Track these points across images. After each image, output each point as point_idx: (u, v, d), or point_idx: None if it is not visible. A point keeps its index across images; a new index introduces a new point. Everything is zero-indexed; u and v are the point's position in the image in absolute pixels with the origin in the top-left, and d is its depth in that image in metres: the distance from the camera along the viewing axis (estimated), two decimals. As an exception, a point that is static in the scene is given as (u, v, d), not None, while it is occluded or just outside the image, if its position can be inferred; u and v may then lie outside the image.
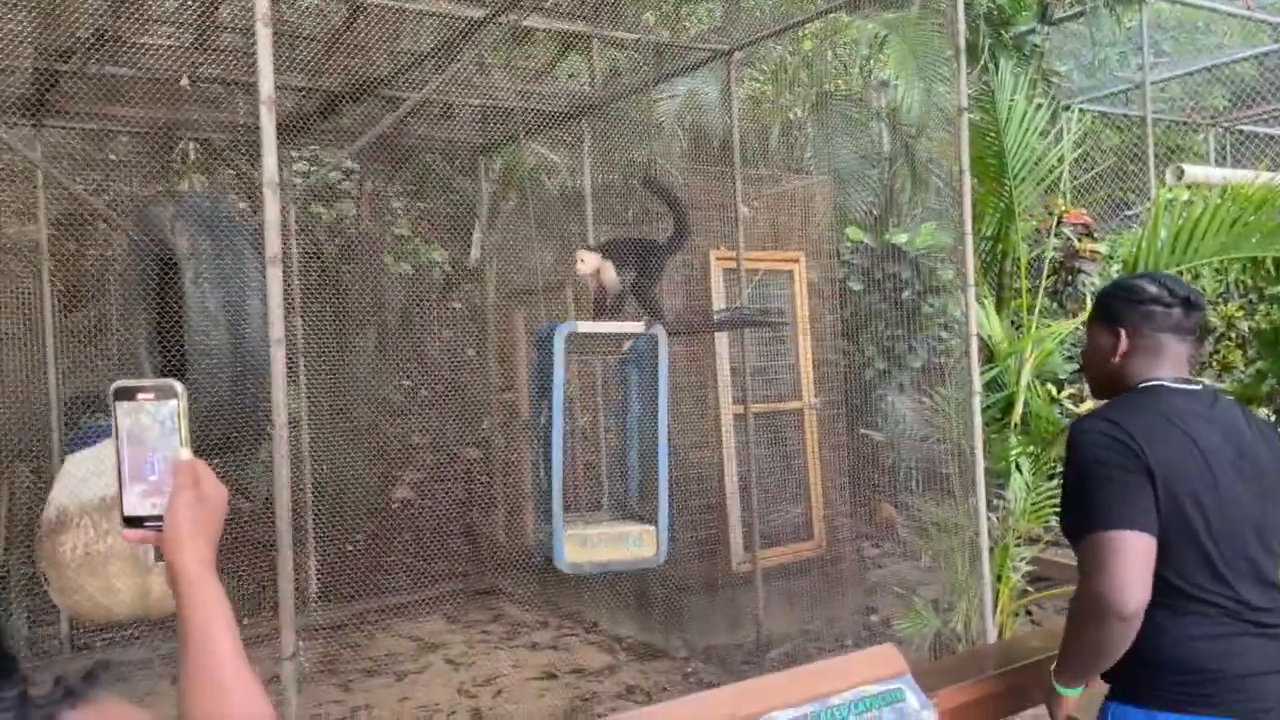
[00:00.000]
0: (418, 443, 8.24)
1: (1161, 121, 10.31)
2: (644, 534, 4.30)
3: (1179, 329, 2.08)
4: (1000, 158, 4.54)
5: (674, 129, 7.41)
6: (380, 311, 7.85)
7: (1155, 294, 2.08)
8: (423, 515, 7.49)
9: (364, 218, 7.54)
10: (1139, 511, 1.86)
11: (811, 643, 5.72)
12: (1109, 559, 1.84)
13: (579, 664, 5.40)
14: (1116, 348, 2.10)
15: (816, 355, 6.29)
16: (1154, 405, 2.00)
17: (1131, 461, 1.89)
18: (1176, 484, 1.90)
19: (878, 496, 6.37)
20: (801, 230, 6.41)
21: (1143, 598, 1.81)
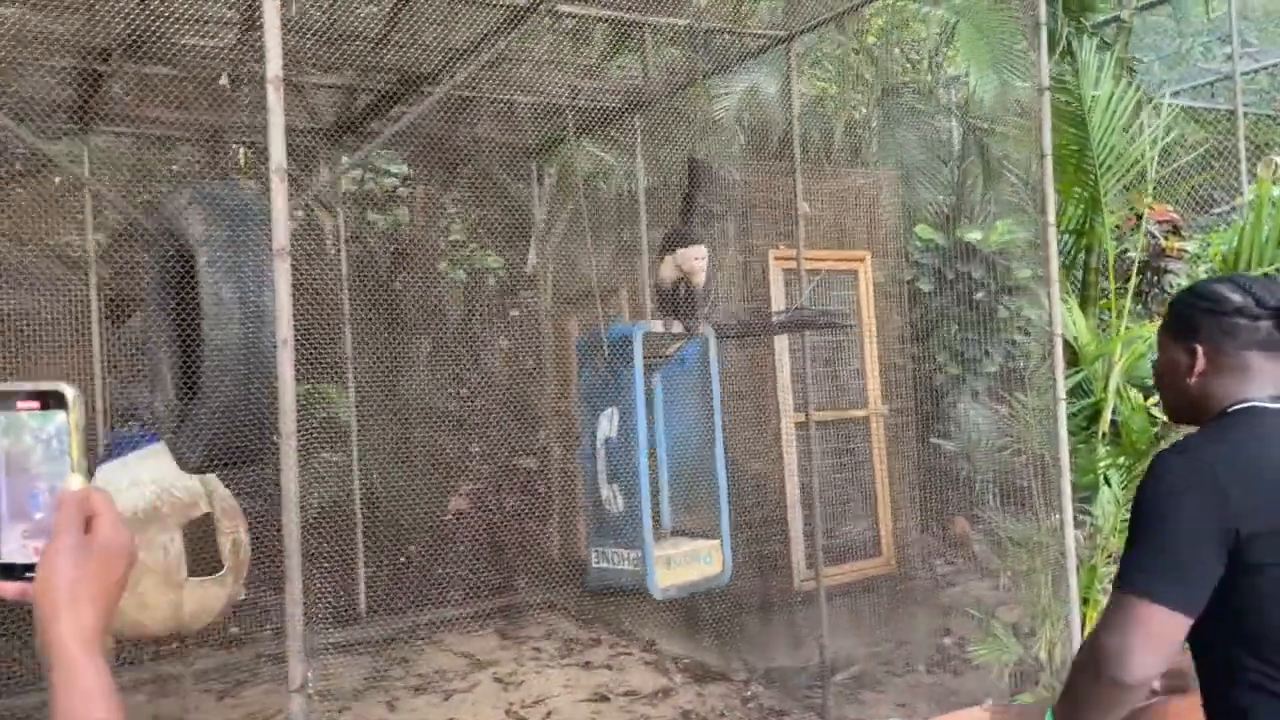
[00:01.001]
0: (474, 452, 8.09)
1: (1250, 115, 9.75)
2: (711, 550, 4.06)
3: (1270, 344, 1.72)
4: (1084, 145, 4.18)
5: (733, 126, 7.16)
6: (435, 319, 7.72)
7: (1240, 304, 1.72)
8: (478, 527, 7.33)
9: (418, 223, 7.42)
10: (1184, 585, 1.57)
11: (881, 665, 5.39)
12: (1128, 625, 1.57)
13: (633, 686, 5.14)
14: (1192, 367, 1.75)
15: (884, 360, 5.97)
16: (1250, 434, 1.66)
17: (1207, 514, 1.58)
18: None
19: (951, 510, 6.00)
20: (867, 229, 6.10)
21: (1150, 673, 1.57)
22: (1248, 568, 1.57)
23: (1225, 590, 1.59)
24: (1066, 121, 4.28)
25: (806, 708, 4.82)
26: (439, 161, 7.28)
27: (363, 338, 6.45)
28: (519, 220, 7.60)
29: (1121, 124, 4.17)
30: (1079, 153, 4.30)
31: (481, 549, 6.99)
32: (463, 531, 7.20)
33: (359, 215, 7.90)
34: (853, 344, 5.81)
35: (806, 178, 6.04)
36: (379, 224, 8.26)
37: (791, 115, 4.84)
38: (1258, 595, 1.58)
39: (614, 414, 3.96)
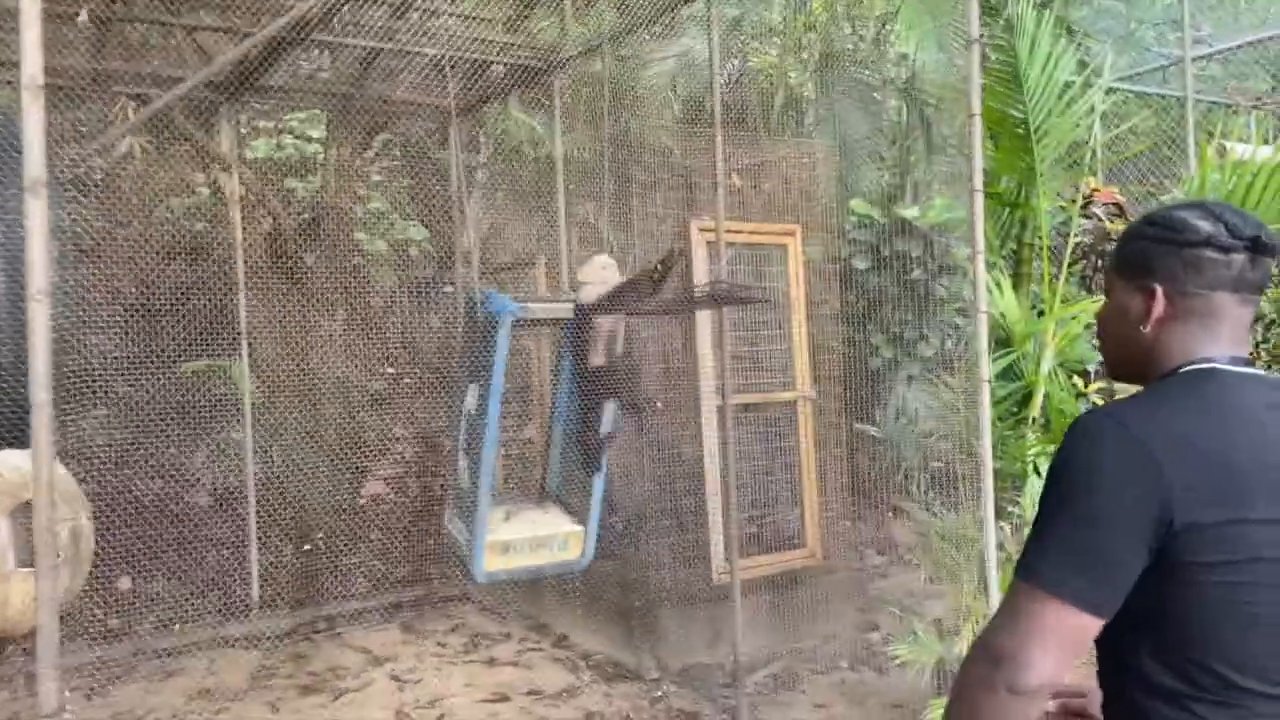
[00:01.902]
0: (397, 434, 7.69)
1: (1201, 103, 9.60)
2: (570, 537, 3.79)
3: (1242, 284, 1.41)
4: (1019, 108, 3.88)
5: (665, 93, 6.82)
6: (352, 292, 7.29)
7: (1209, 232, 1.40)
8: (395, 513, 6.94)
9: (330, 189, 6.97)
10: (1099, 582, 1.29)
11: (804, 662, 5.11)
12: (1028, 624, 1.29)
13: (537, 685, 4.81)
14: (1149, 311, 1.43)
15: (816, 341, 5.65)
16: (1203, 402, 1.36)
17: (1134, 498, 1.28)
18: (1237, 531, 1.27)
19: (879, 500, 5.72)
20: (800, 203, 5.77)
21: (1051, 679, 1.28)
22: (1177, 566, 1.28)
23: (1145, 589, 1.30)
24: (1002, 84, 3.98)
25: (720, 709, 4.52)
26: (354, 124, 6.86)
27: (264, 310, 6.03)
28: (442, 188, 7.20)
29: (1058, 88, 3.87)
30: (1015, 120, 4.00)
31: (395, 537, 6.61)
32: (377, 518, 6.81)
33: (277, 181, 7.46)
34: (780, 323, 5.48)
35: (736, 148, 5.71)
36: (298, 191, 7.81)
37: (712, 74, 4.48)
38: (1185, 600, 1.30)
39: (475, 389, 3.66)
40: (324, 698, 4.76)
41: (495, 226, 7.13)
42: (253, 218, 6.32)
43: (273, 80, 5.64)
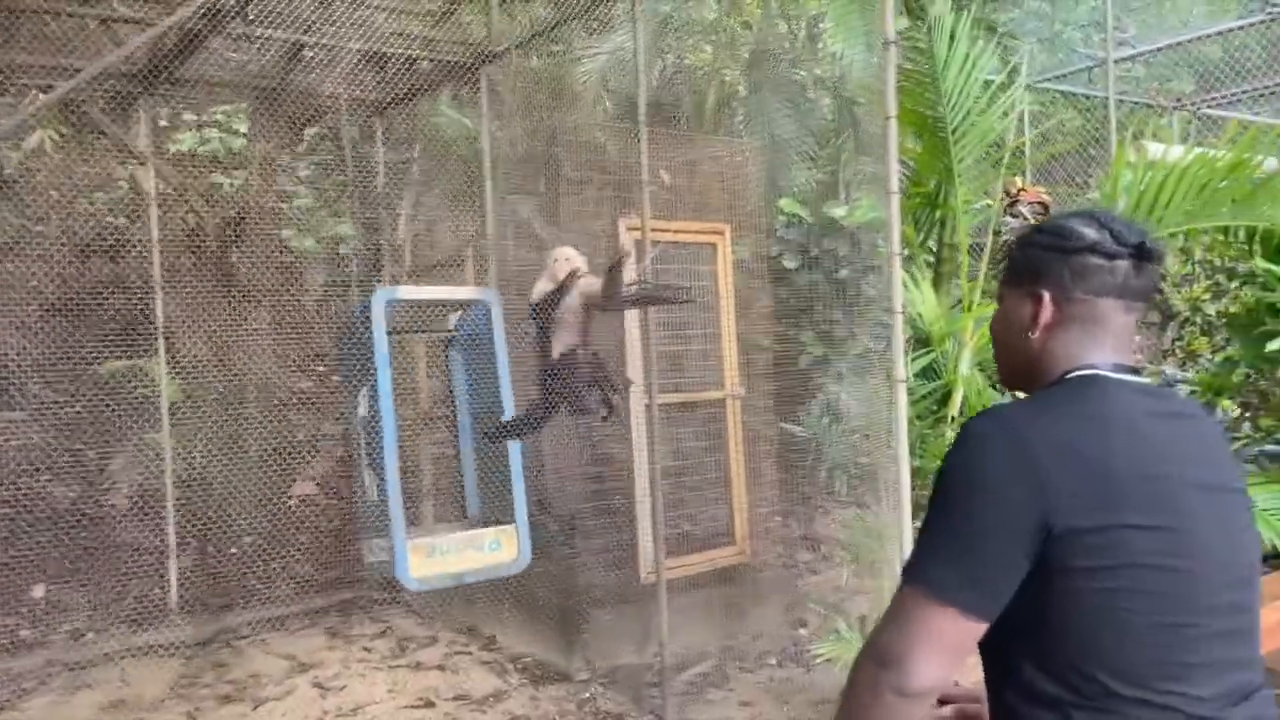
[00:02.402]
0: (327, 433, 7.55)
1: (1125, 103, 9.83)
2: (500, 535, 3.70)
3: (1126, 291, 1.44)
4: (937, 110, 3.92)
5: (598, 91, 6.79)
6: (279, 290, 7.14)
7: (1094, 239, 1.43)
8: (323, 515, 6.81)
9: (252, 185, 6.81)
10: (983, 586, 1.30)
11: (732, 660, 5.12)
12: (913, 627, 1.30)
13: (464, 689, 4.75)
14: (1036, 317, 1.46)
15: (747, 339, 5.67)
16: (1085, 408, 1.38)
17: (1018, 502, 1.29)
18: (1115, 536, 1.29)
19: (806, 496, 5.76)
20: (731, 201, 5.78)
21: (935, 683, 1.30)
22: (1057, 571, 1.29)
23: (1027, 595, 1.31)
24: (921, 86, 4.02)
25: (646, 710, 4.51)
26: (279, 118, 6.70)
27: (185, 308, 5.87)
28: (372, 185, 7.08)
29: (976, 89, 3.92)
30: (935, 120, 4.04)
31: (323, 539, 6.48)
32: (304, 520, 6.68)
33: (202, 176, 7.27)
34: (710, 322, 5.49)
35: (666, 146, 5.69)
36: (224, 186, 7.62)
37: (638, 72, 4.46)
38: (1062, 605, 1.30)
39: (367, 393, 3.58)
40: (244, 706, 4.65)
41: (427, 224, 7.04)
42: (173, 213, 6.15)
43: (193, 72, 5.49)
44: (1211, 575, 1.33)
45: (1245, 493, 1.46)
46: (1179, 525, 1.31)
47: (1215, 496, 1.38)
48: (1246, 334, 4.05)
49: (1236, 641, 1.35)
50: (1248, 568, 1.40)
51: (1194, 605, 1.31)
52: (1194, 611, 1.31)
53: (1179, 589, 1.30)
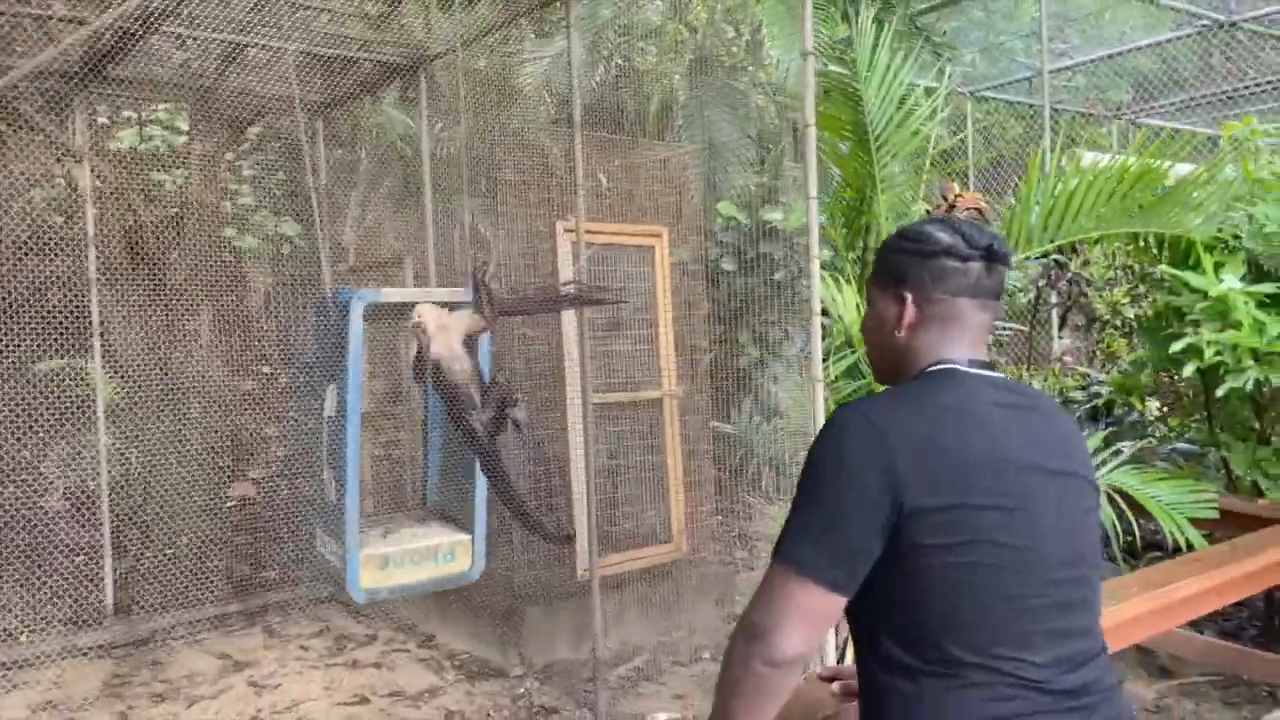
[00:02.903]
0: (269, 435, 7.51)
1: (1064, 112, 10.10)
2: (456, 546, 3.73)
3: (979, 290, 1.57)
4: (858, 117, 4.05)
5: (540, 93, 6.86)
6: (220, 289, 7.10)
7: (948, 243, 1.56)
8: (261, 515, 6.78)
9: (193, 184, 6.77)
10: (841, 562, 1.40)
11: (667, 655, 5.21)
12: (779, 602, 1.41)
13: (399, 686, 4.79)
14: (901, 317, 1.58)
15: (686, 340, 5.77)
16: (940, 398, 1.50)
17: (873, 484, 1.40)
18: (954, 511, 1.40)
19: (739, 495, 5.88)
20: (670, 205, 5.88)
21: (801, 652, 1.41)
22: (907, 548, 1.40)
23: (883, 571, 1.42)
24: (846, 94, 4.14)
25: (580, 704, 4.59)
26: (219, 117, 6.68)
27: (123, 307, 5.84)
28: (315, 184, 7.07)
29: (897, 98, 4.04)
30: (857, 127, 4.16)
31: (261, 540, 6.46)
32: (243, 521, 6.65)
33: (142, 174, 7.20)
34: (648, 323, 5.58)
35: (607, 149, 5.79)
36: (165, 185, 7.57)
37: (572, 75, 4.54)
38: (912, 579, 1.41)
39: (334, 391, 3.60)
40: (177, 705, 4.66)
41: (369, 224, 7.05)
42: (111, 211, 6.10)
43: (132, 71, 5.48)
44: (1050, 552, 1.44)
45: (1091, 478, 1.59)
46: (1020, 506, 1.43)
47: (1058, 481, 1.50)
48: (1154, 336, 4.22)
49: (1073, 612, 1.46)
50: (1087, 546, 1.53)
51: (1033, 579, 1.42)
52: (1033, 585, 1.42)
53: (1019, 564, 1.41)
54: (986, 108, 10.58)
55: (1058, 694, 1.41)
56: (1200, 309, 3.83)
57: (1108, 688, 1.48)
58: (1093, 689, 1.45)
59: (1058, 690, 1.41)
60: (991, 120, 10.77)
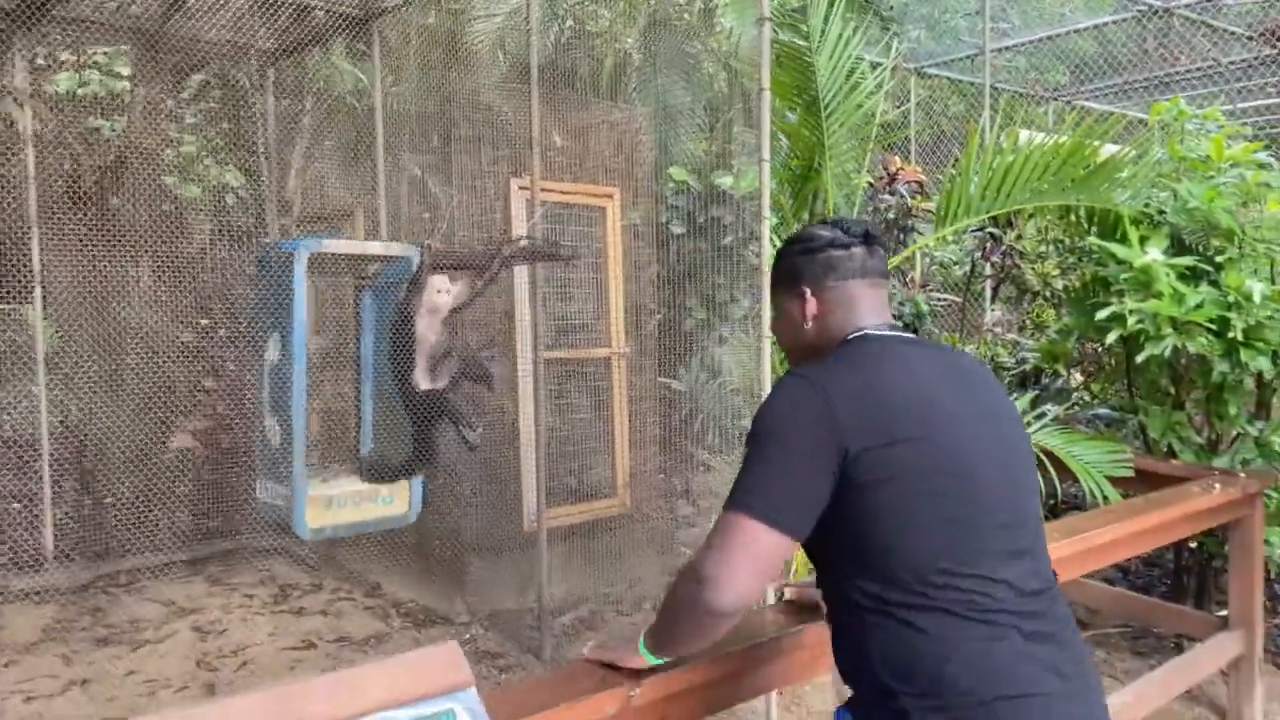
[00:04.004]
0: (208, 387, 7.45)
1: (1004, 91, 10.34)
2: (395, 490, 3.82)
3: (867, 271, 1.76)
4: (810, 85, 4.17)
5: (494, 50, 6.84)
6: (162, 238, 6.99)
7: (830, 236, 1.76)
8: (204, 465, 6.75)
9: (135, 129, 6.64)
10: (790, 507, 1.54)
11: (610, 606, 5.36)
12: (730, 545, 1.52)
13: (346, 632, 4.86)
14: (804, 310, 1.76)
15: (634, 301, 5.87)
16: (865, 357, 1.67)
17: (817, 435, 1.54)
18: (894, 446, 1.54)
19: (686, 451, 6.03)
20: (623, 166, 5.95)
21: (749, 594, 1.53)
22: (855, 486, 1.53)
23: (838, 510, 1.55)
24: (798, 62, 4.25)
25: (525, 650, 4.71)
26: (164, 63, 6.55)
27: (62, 254, 5.74)
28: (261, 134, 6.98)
29: (847, 68, 4.17)
30: (808, 95, 4.28)
31: (205, 489, 6.44)
32: (186, 470, 6.62)
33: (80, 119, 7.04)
34: (599, 282, 5.67)
35: (559, 108, 5.82)
36: (104, 130, 7.40)
37: (530, 30, 4.57)
38: (865, 514, 1.55)
39: (277, 338, 3.65)
40: (121, 649, 4.67)
41: (316, 176, 6.99)
42: (50, 156, 5.98)
43: (71, 11, 5.35)
44: (986, 477, 1.59)
45: (1014, 416, 1.75)
46: (951, 437, 1.58)
47: (982, 414, 1.66)
48: (1080, 305, 4.44)
49: (1016, 532, 1.61)
50: (1022, 476, 1.68)
51: (973, 503, 1.57)
52: (975, 508, 1.56)
53: (958, 490, 1.56)
54: (930, 84, 10.78)
55: (1024, 616, 1.54)
56: (1124, 279, 4.05)
57: (1063, 616, 1.63)
58: (1051, 616, 1.59)
59: (1022, 613, 1.54)
60: (934, 96, 10.99)
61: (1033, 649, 1.52)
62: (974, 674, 1.49)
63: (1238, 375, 4.05)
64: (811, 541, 1.61)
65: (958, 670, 1.49)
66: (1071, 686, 1.53)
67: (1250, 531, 3.73)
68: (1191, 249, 4.23)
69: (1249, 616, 3.74)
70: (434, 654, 1.19)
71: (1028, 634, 1.53)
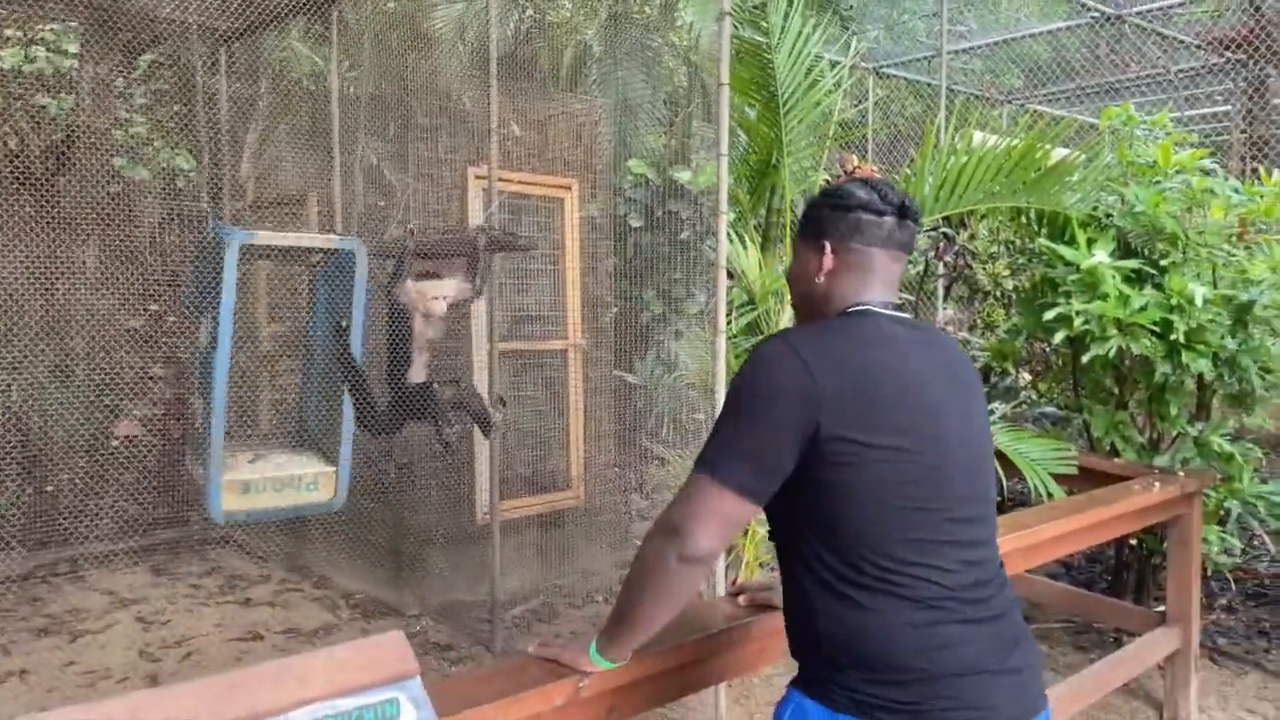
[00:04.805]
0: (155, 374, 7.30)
1: (959, 93, 10.47)
2: (320, 477, 3.80)
3: (891, 242, 1.74)
4: (768, 81, 4.19)
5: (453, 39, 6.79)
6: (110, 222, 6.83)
7: (864, 199, 1.72)
8: (149, 454, 6.63)
9: (84, 109, 6.49)
10: (754, 473, 1.56)
11: (562, 598, 5.36)
12: (695, 505, 1.56)
13: (294, 623, 4.81)
14: (821, 265, 1.74)
15: (592, 293, 5.87)
16: (858, 333, 1.66)
17: (791, 404, 1.54)
18: (866, 429, 1.55)
19: (640, 444, 6.04)
20: (582, 159, 5.94)
21: (712, 550, 1.57)
22: (826, 463, 1.54)
23: (803, 480, 1.57)
24: (758, 58, 4.27)
25: (475, 641, 4.69)
26: (114, 41, 6.40)
27: (3, 234, 5.59)
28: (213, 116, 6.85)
29: (806, 65, 4.20)
30: (767, 91, 4.30)
31: (150, 478, 6.33)
32: (131, 459, 6.49)
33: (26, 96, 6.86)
34: (556, 274, 5.65)
35: (519, 99, 5.79)
36: (50, 109, 7.22)
37: (490, 20, 4.54)
38: (831, 492, 1.56)
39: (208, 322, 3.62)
40: (60, 639, 4.58)
41: (270, 161, 6.88)
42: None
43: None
44: (956, 469, 1.61)
45: (984, 407, 1.79)
46: (925, 427, 1.60)
47: (958, 407, 1.67)
48: (1029, 306, 4.52)
49: (975, 525, 1.64)
50: (985, 466, 1.71)
51: (940, 493, 1.59)
52: (940, 498, 1.59)
53: (927, 479, 1.58)
54: (888, 84, 10.89)
55: (970, 603, 1.58)
56: (1072, 281, 4.12)
57: (1009, 602, 1.66)
58: (997, 601, 1.63)
59: (970, 600, 1.58)
60: (892, 96, 11.10)
61: (977, 631, 1.57)
62: (919, 653, 1.53)
63: (1179, 377, 4.15)
64: (772, 504, 1.63)
65: (903, 649, 1.53)
66: (1011, 667, 1.58)
67: (1188, 529, 3.83)
68: (1137, 252, 4.33)
69: (1186, 612, 3.84)
70: (379, 643, 1.18)
71: (973, 619, 1.57)
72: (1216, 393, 4.46)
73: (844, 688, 1.56)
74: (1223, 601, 5.12)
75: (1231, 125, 9.70)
